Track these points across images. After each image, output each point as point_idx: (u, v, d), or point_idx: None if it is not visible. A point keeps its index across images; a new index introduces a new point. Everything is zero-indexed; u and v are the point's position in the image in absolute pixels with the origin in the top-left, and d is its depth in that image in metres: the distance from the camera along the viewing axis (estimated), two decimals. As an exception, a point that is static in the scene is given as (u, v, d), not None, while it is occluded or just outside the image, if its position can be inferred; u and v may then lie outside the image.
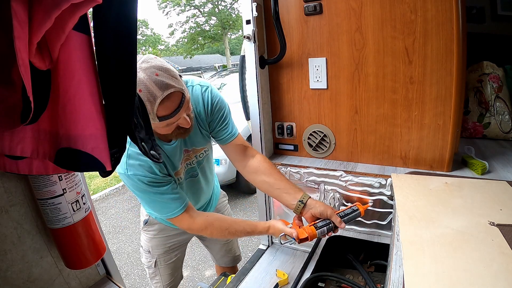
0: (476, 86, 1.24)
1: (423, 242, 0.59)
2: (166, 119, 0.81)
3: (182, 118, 0.86)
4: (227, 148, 1.08)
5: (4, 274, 0.77)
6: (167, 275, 1.35)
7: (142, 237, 1.31)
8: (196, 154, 1.09)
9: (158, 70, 0.77)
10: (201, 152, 1.11)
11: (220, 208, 1.40)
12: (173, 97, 0.79)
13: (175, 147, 0.99)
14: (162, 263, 1.32)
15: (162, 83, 0.76)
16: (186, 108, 0.85)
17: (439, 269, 0.51)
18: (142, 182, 0.90)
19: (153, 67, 0.77)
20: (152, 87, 0.75)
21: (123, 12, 0.44)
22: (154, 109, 0.77)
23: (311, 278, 0.98)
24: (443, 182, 0.82)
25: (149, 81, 0.75)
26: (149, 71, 0.76)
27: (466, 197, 0.74)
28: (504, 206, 0.68)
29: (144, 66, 0.76)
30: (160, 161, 0.65)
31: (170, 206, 0.95)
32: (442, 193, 0.77)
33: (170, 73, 0.79)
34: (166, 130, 0.87)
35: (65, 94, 0.49)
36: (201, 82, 1.02)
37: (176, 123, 0.87)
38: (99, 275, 1.02)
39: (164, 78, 0.77)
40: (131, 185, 0.93)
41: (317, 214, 0.93)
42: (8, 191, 0.77)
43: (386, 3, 0.91)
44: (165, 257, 1.31)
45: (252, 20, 1.04)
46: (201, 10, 19.16)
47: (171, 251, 1.32)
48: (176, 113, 0.82)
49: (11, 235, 0.79)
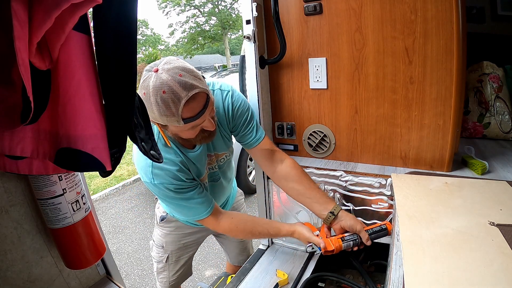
0: (476, 86, 1.24)
1: (423, 242, 0.59)
2: (191, 121, 0.79)
3: (207, 120, 0.83)
4: (253, 152, 1.06)
5: (4, 274, 0.77)
6: (175, 271, 1.35)
7: (156, 231, 1.32)
8: (218, 158, 1.09)
9: (182, 71, 0.75)
10: (222, 157, 1.10)
11: (236, 206, 1.40)
12: (198, 97, 0.77)
13: (200, 153, 0.99)
14: (173, 258, 1.33)
15: (187, 84, 0.74)
16: (211, 110, 0.83)
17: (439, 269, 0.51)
18: (169, 189, 0.90)
19: (176, 68, 0.75)
20: (176, 87, 0.73)
21: (123, 12, 0.44)
22: (179, 110, 0.75)
23: (311, 278, 0.98)
24: (443, 182, 0.82)
25: (173, 82, 0.73)
26: (172, 72, 0.74)
27: (466, 197, 0.74)
28: (504, 206, 0.67)
29: (166, 67, 0.75)
30: (160, 161, 0.64)
31: (196, 210, 0.96)
32: (442, 193, 0.77)
33: (194, 73, 0.77)
34: (191, 133, 0.85)
35: (65, 94, 0.49)
36: (222, 85, 1.00)
37: (200, 126, 0.84)
38: (99, 275, 1.02)
39: (188, 79, 0.75)
40: (158, 193, 0.93)
41: (347, 227, 0.93)
42: (8, 191, 0.77)
43: (386, 3, 0.91)
44: (177, 254, 1.32)
45: (252, 20, 1.04)
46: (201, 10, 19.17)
47: (185, 248, 1.33)
48: (201, 115, 0.80)
49: (11, 235, 0.79)
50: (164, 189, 0.90)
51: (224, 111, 0.99)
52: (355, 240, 0.91)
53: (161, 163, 0.66)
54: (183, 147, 0.96)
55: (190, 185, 0.94)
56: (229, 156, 1.14)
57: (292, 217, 1.24)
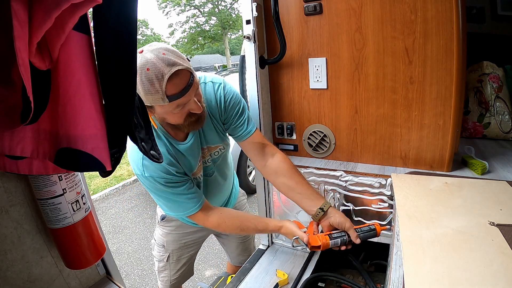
0: (476, 86, 1.24)
1: (423, 242, 0.59)
2: (176, 98, 0.80)
3: (193, 101, 0.84)
4: (244, 146, 1.06)
5: (4, 274, 0.77)
6: (176, 271, 1.36)
7: (157, 231, 1.33)
8: (211, 152, 1.08)
9: (165, 50, 0.78)
10: (216, 150, 1.09)
11: (239, 206, 1.40)
12: (182, 74, 0.79)
13: (191, 146, 0.99)
14: (174, 258, 1.33)
15: (170, 61, 0.77)
16: (196, 91, 0.85)
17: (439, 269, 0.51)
18: (159, 183, 0.91)
19: (160, 48, 0.78)
20: (159, 64, 0.76)
21: (123, 12, 0.44)
22: (163, 86, 0.76)
23: (311, 278, 0.98)
24: (443, 182, 0.82)
25: (157, 59, 0.76)
26: (156, 51, 0.77)
27: (466, 197, 0.74)
28: (504, 206, 0.67)
29: (151, 48, 0.78)
30: (160, 161, 0.65)
31: (185, 205, 0.96)
32: (442, 193, 0.77)
33: (177, 53, 0.80)
34: (177, 116, 0.85)
35: (65, 94, 0.49)
36: (214, 78, 1.01)
37: (187, 109, 0.85)
38: (99, 275, 1.02)
39: (171, 57, 0.78)
40: (148, 185, 0.94)
41: (335, 224, 0.91)
42: (8, 191, 0.77)
43: (386, 3, 0.91)
44: (178, 253, 1.33)
45: (252, 20, 1.04)
46: (201, 10, 19.15)
47: (186, 247, 1.33)
48: (185, 92, 0.81)
49: (11, 235, 0.79)
50: (154, 182, 0.90)
51: (216, 103, 1.00)
52: (343, 238, 0.89)
53: (161, 163, 0.66)
54: (174, 139, 0.96)
55: (180, 179, 0.94)
56: (223, 150, 1.13)
57: (292, 217, 1.24)
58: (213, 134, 1.05)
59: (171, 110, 0.83)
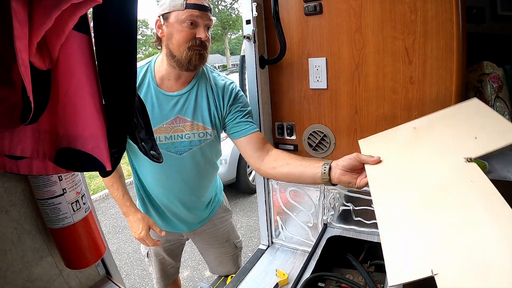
0: (476, 86, 1.24)
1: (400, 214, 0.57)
2: (192, 7, 0.91)
3: (202, 28, 0.94)
4: (247, 140, 1.03)
5: (4, 274, 0.77)
6: (157, 270, 1.39)
7: None
8: (194, 131, 1.06)
9: None
10: (202, 131, 1.07)
11: (216, 223, 1.35)
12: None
13: (168, 99, 1.03)
14: (152, 255, 1.36)
15: None
16: (209, 22, 0.97)
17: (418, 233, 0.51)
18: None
19: None
20: None
21: (123, 12, 0.44)
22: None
23: (311, 278, 0.98)
24: (411, 128, 0.76)
25: None
26: None
27: (437, 138, 0.70)
28: (479, 131, 0.62)
29: None
30: (160, 161, 0.64)
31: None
32: (412, 142, 0.72)
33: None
34: (183, 35, 0.93)
35: (65, 94, 0.49)
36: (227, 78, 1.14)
37: (195, 31, 0.94)
38: (99, 275, 1.02)
39: None
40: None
41: (347, 167, 0.79)
42: (8, 191, 0.77)
43: (386, 3, 0.91)
44: (155, 249, 1.35)
45: (252, 20, 1.04)
46: (201, 10, 19.13)
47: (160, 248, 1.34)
48: (202, 9, 0.93)
49: (11, 235, 0.78)
50: None
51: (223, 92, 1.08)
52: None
53: (161, 163, 0.66)
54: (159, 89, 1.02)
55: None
56: (209, 140, 1.09)
57: (292, 217, 1.24)
58: (206, 113, 1.06)
59: (181, 24, 0.92)
